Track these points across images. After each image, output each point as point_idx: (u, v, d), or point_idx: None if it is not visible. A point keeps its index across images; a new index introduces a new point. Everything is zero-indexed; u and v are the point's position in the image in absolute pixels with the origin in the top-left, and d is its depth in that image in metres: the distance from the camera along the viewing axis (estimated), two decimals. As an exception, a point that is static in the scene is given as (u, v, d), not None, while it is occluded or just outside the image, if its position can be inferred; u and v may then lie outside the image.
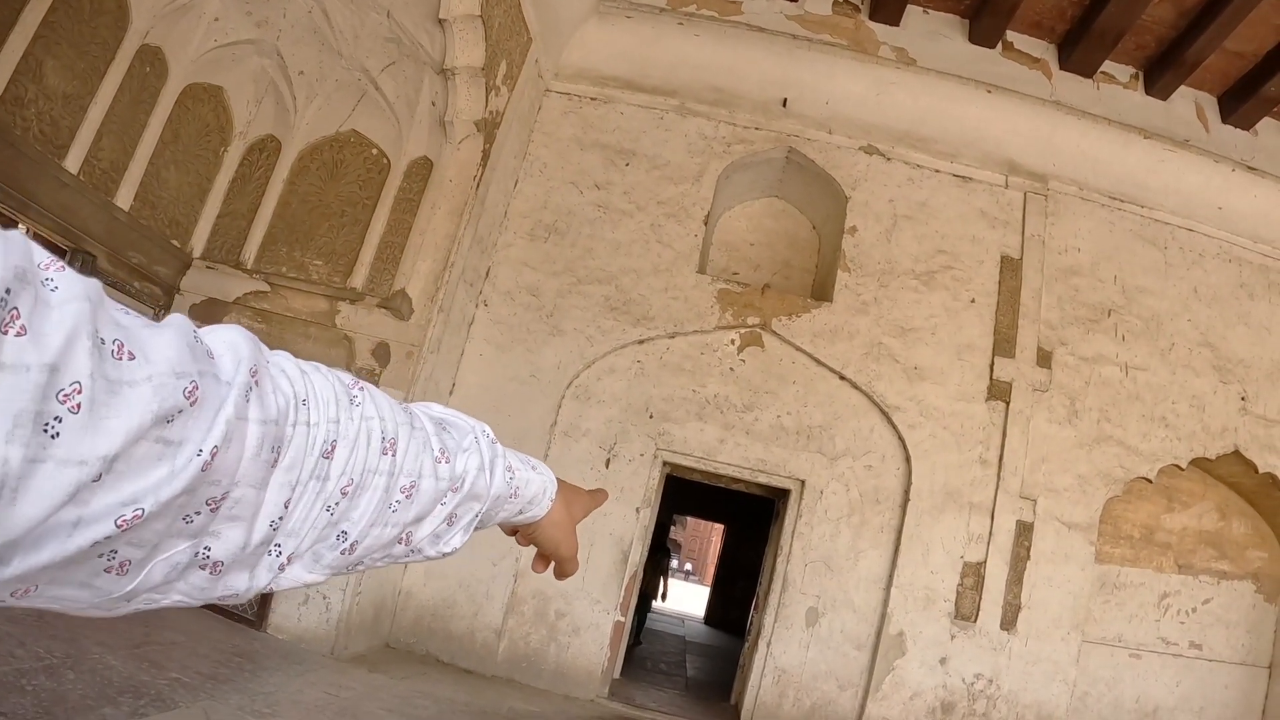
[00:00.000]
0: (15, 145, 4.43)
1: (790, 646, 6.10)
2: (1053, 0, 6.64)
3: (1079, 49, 6.74)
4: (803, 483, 6.32)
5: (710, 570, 25.33)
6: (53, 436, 0.35)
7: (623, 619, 6.28)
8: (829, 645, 6.10)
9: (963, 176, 6.85)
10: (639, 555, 6.36)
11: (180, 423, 0.41)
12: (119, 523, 0.39)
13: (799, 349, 6.47)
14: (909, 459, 6.28)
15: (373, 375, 5.65)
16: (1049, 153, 6.85)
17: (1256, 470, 6.45)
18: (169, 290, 5.91)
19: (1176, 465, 6.46)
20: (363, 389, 0.59)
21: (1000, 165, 6.84)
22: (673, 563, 14.74)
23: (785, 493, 6.47)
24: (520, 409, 6.27)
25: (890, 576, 6.11)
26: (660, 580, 9.65)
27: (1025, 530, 6.20)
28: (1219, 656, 6.54)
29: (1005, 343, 6.48)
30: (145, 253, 5.58)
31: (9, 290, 0.33)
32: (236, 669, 4.40)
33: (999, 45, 7.01)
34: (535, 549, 0.84)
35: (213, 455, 0.43)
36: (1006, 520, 6.17)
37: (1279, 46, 6.39)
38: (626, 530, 6.23)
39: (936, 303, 6.57)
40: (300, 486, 0.52)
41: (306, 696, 4.31)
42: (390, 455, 0.59)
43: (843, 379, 6.44)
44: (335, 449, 0.54)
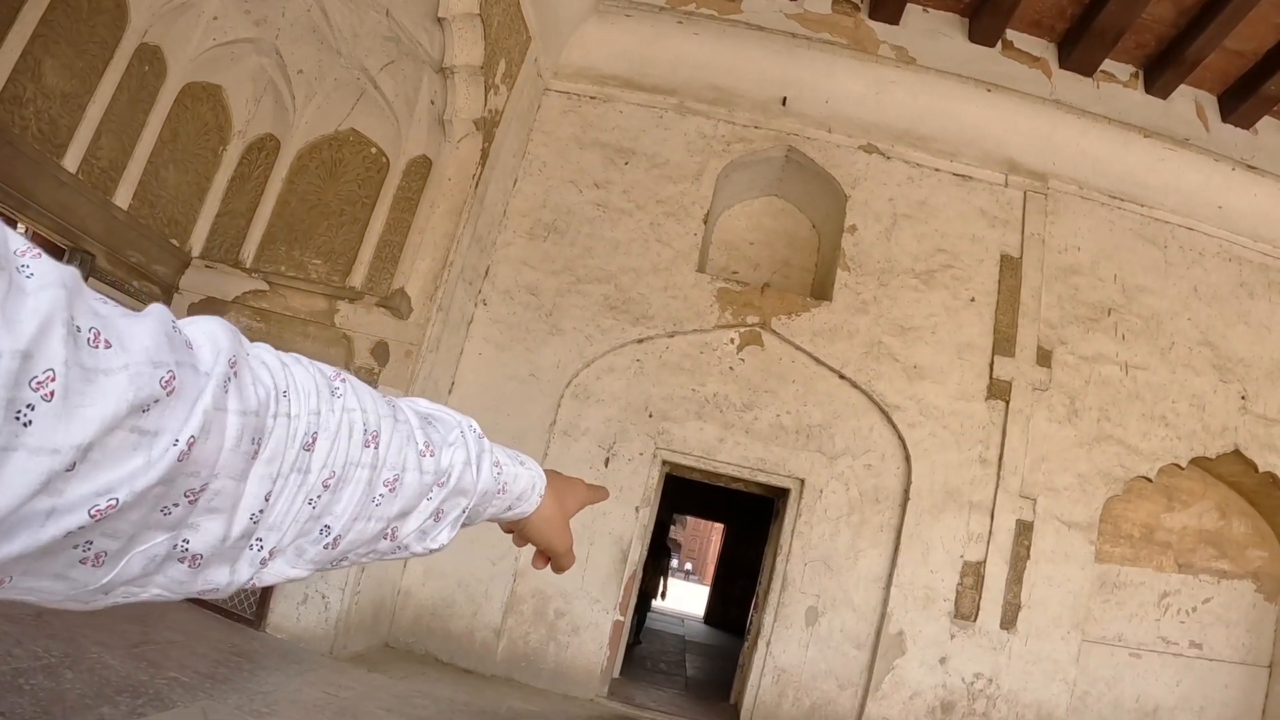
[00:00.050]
0: (14, 144, 4.42)
1: (790, 646, 6.09)
2: (1052, -1, 6.65)
3: (1079, 48, 6.74)
4: (802, 482, 6.31)
5: (710, 569, 25.33)
6: (25, 424, 0.34)
7: (622, 618, 6.28)
8: (829, 644, 6.09)
9: (962, 175, 6.84)
10: (638, 554, 6.35)
11: (157, 412, 0.40)
12: (93, 513, 0.39)
13: (798, 348, 6.46)
14: (909, 458, 6.28)
15: (372, 374, 5.64)
16: (1049, 151, 6.84)
17: (1256, 469, 6.44)
18: (168, 289, 5.91)
19: (1176, 464, 6.46)
20: (344, 380, 0.58)
21: (1000, 164, 6.84)
22: (672, 562, 14.74)
23: (785, 492, 6.46)
24: (519, 408, 6.27)
25: (890, 576, 6.11)
26: (660, 579, 9.65)
27: (1025, 529, 6.19)
28: (1219, 656, 6.54)
29: (1005, 342, 6.48)
30: (144, 252, 5.58)
31: None
32: (235, 668, 4.40)
33: (999, 44, 7.01)
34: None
35: (190, 446, 0.42)
36: (1006, 519, 6.17)
37: (1279, 45, 6.38)
38: (626, 529, 6.23)
39: (936, 302, 6.57)
40: (281, 479, 0.52)
41: (305, 696, 4.31)
42: (373, 448, 0.58)
43: (842, 378, 6.43)
44: (316, 441, 0.54)
